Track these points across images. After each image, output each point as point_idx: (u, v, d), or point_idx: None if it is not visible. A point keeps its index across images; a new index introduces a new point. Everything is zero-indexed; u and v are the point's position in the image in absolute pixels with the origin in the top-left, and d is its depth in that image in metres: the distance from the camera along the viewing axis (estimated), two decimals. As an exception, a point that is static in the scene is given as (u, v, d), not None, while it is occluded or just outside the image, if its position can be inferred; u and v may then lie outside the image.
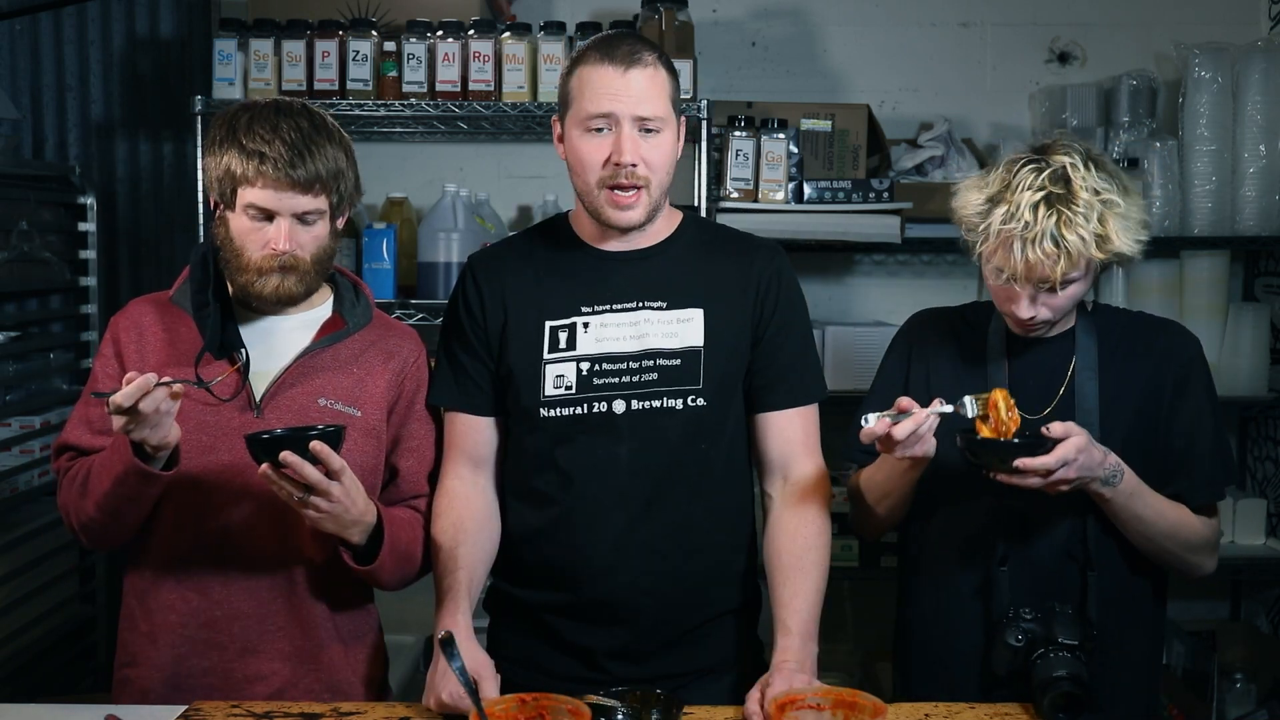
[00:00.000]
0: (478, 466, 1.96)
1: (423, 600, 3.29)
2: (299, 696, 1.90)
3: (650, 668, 1.90)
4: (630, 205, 1.85)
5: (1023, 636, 1.82)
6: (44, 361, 3.35)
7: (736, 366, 1.93)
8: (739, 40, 3.55)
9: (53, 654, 3.21)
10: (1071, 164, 1.79)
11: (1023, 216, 1.76)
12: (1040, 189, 1.77)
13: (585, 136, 1.84)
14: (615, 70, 1.81)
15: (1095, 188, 1.77)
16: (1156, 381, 1.91)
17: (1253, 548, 3.31)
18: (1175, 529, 1.87)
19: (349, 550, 1.84)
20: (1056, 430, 1.73)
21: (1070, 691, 1.74)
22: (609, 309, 1.91)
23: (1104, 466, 1.77)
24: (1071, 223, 1.74)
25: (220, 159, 1.83)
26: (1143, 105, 3.37)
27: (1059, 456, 1.71)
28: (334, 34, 3.00)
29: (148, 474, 1.76)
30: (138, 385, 1.64)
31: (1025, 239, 1.76)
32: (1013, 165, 1.82)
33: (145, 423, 1.68)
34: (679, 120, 1.90)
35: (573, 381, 1.88)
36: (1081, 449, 1.72)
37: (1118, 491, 1.80)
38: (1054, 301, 1.83)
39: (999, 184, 1.82)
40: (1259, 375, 3.26)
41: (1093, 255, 1.77)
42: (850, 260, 3.55)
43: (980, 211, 1.82)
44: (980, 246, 1.84)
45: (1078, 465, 1.73)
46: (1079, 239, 1.75)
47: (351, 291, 2.01)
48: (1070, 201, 1.76)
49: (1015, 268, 1.79)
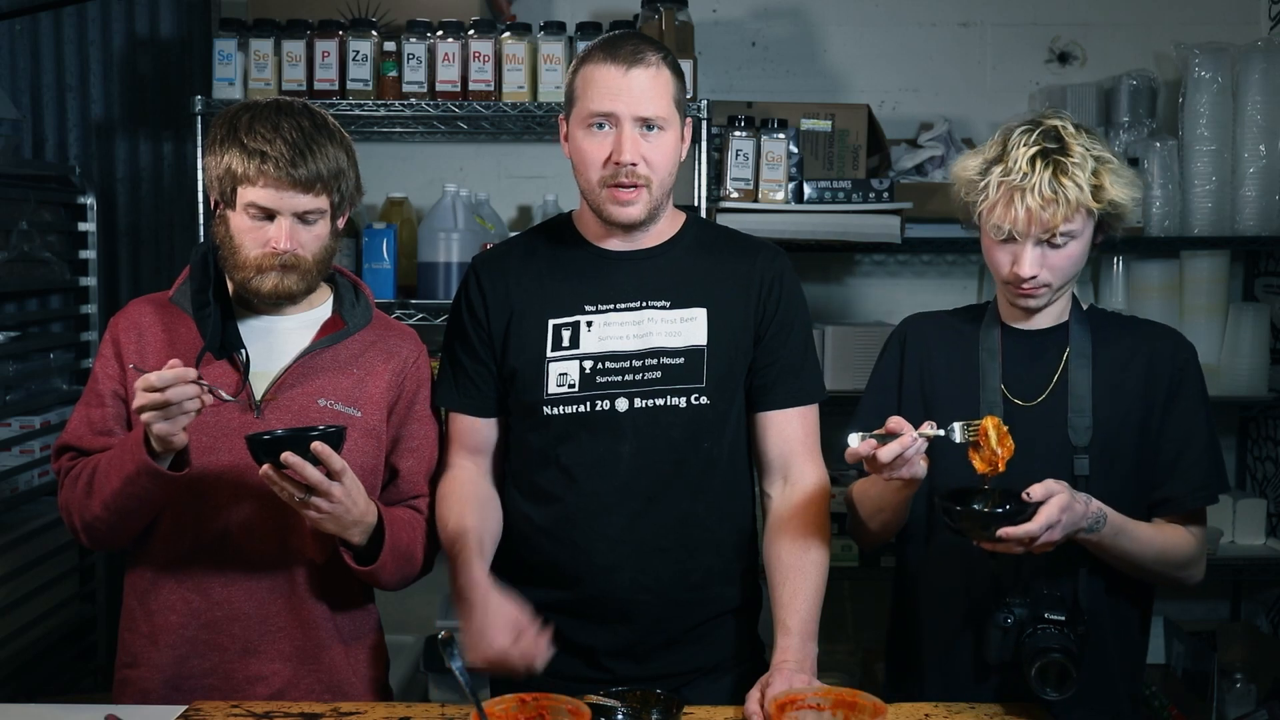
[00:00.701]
0: (478, 456, 2.00)
1: (423, 600, 3.32)
2: (299, 697, 1.90)
3: (651, 667, 1.90)
4: (631, 201, 1.86)
5: (1011, 618, 1.82)
6: (44, 361, 3.35)
7: (739, 366, 1.93)
8: (739, 40, 3.55)
9: (53, 654, 3.21)
10: (1063, 126, 1.87)
11: (1021, 169, 1.82)
12: (1036, 144, 1.84)
13: (587, 135, 1.85)
14: (618, 69, 1.82)
15: (1087, 145, 1.85)
16: (1150, 384, 1.91)
17: (1253, 548, 3.32)
18: (1163, 553, 1.87)
19: (349, 551, 1.84)
20: (1037, 493, 1.70)
21: (1058, 662, 1.73)
22: (612, 308, 1.91)
23: (1086, 517, 1.76)
24: (1068, 171, 1.81)
25: (221, 158, 1.83)
26: (1143, 105, 3.37)
27: (1043, 521, 1.68)
28: (334, 34, 3.00)
29: (158, 473, 1.75)
30: (178, 373, 1.66)
31: (1025, 188, 1.81)
32: (1009, 131, 1.89)
33: (166, 412, 1.68)
34: (684, 120, 1.90)
35: (576, 380, 1.89)
36: (1065, 507, 1.70)
37: (1103, 535, 1.80)
38: (1054, 260, 1.85)
39: (997, 147, 1.88)
40: (1259, 375, 3.26)
41: (1089, 204, 1.82)
42: (850, 260, 3.55)
43: (980, 171, 1.88)
44: (980, 205, 1.88)
45: (1062, 525, 1.71)
46: (1075, 186, 1.81)
47: (351, 292, 2.01)
48: (1066, 153, 1.83)
49: (1016, 218, 1.83)
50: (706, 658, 1.94)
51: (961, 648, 1.94)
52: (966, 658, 1.93)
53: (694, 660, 1.93)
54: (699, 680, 1.93)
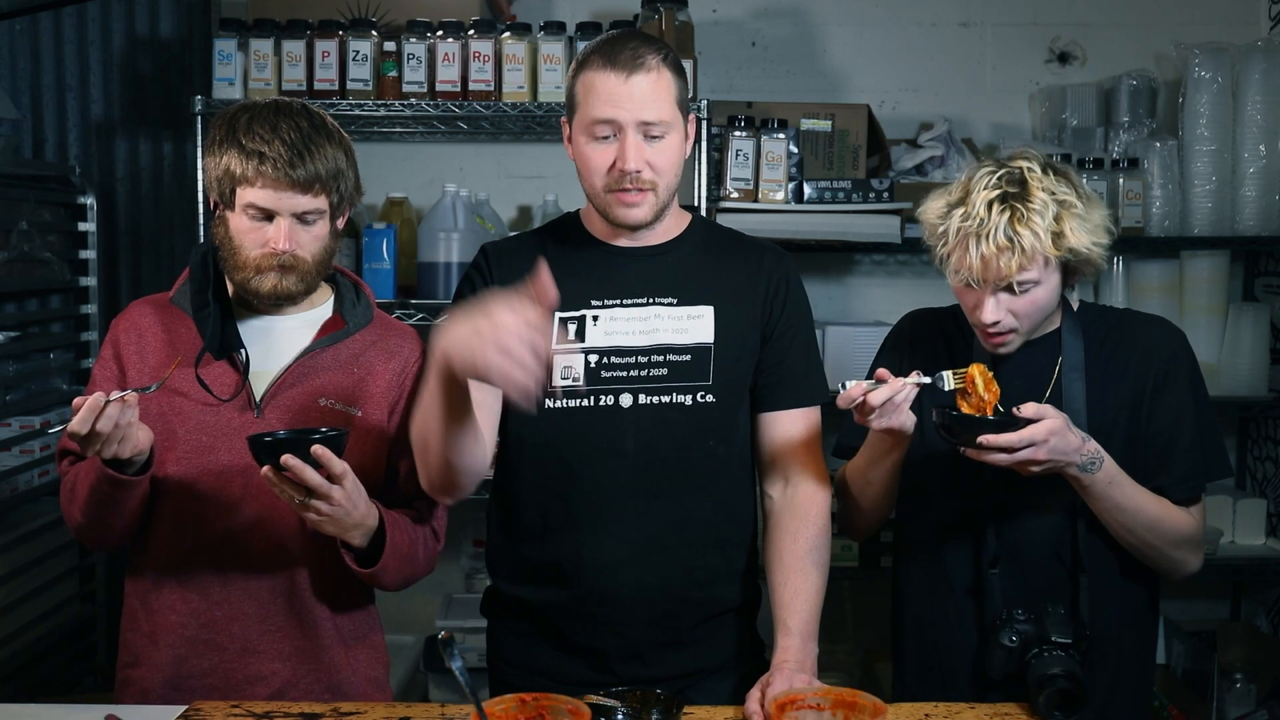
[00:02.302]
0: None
1: (423, 600, 3.33)
2: (299, 697, 1.90)
3: (652, 668, 1.90)
4: (637, 204, 1.86)
5: (1016, 637, 1.83)
6: (44, 361, 3.35)
7: (746, 365, 1.93)
8: (739, 40, 3.55)
9: (53, 654, 3.21)
10: (1029, 168, 1.82)
11: (978, 214, 1.79)
12: (996, 188, 1.81)
13: (591, 144, 1.84)
14: (618, 77, 1.81)
15: (1051, 189, 1.80)
16: (1140, 379, 1.91)
17: (1253, 548, 3.31)
18: (1157, 522, 1.86)
19: (350, 553, 1.84)
20: (1028, 411, 1.74)
21: (1066, 689, 1.75)
22: (619, 303, 1.91)
23: (1081, 452, 1.77)
24: (1025, 219, 1.77)
25: (220, 159, 1.83)
26: (1143, 105, 3.37)
27: (1024, 437, 1.72)
28: (334, 34, 3.00)
29: (118, 480, 1.77)
30: (88, 408, 1.66)
31: (979, 235, 1.79)
32: (974, 172, 1.86)
33: (110, 440, 1.69)
34: (687, 119, 1.90)
35: (580, 373, 1.89)
36: (1054, 431, 1.72)
37: (1095, 479, 1.80)
38: (1017, 305, 1.83)
39: (960, 190, 1.85)
40: (1259, 375, 3.26)
41: (1048, 252, 1.78)
42: (850, 260, 3.55)
43: (941, 215, 1.86)
44: (941, 249, 1.86)
45: (1048, 448, 1.73)
46: (1032, 234, 1.77)
47: (352, 291, 2.01)
48: (1025, 199, 1.79)
49: (972, 265, 1.80)
50: (708, 658, 1.94)
51: (962, 651, 1.94)
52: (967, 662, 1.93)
53: (696, 661, 1.93)
54: (701, 681, 1.92)
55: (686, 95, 1.90)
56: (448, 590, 3.39)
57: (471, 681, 1.65)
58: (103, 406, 1.66)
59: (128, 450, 1.72)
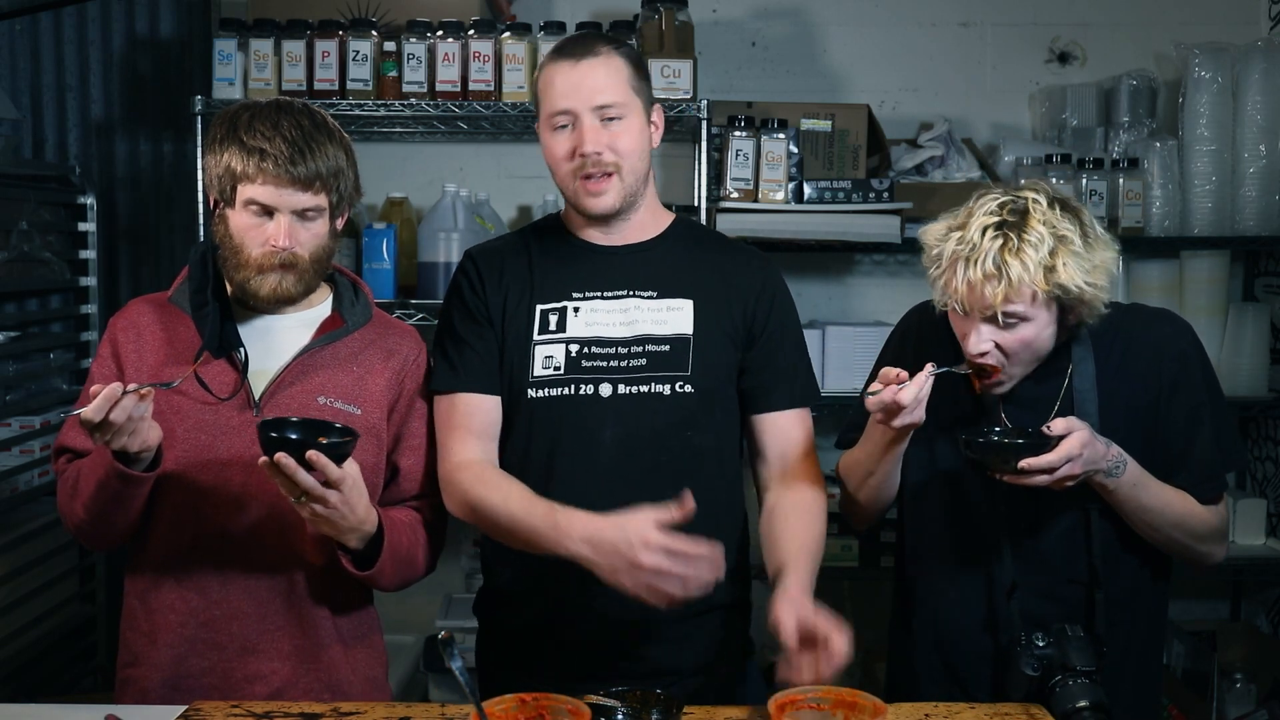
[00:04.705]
0: (485, 442, 1.93)
1: (423, 600, 3.32)
2: (299, 696, 1.90)
3: (640, 664, 1.89)
4: (603, 191, 1.88)
5: (1038, 666, 1.80)
6: (44, 361, 3.35)
7: (726, 360, 1.94)
8: (739, 40, 3.55)
9: (53, 654, 3.21)
10: (1034, 199, 1.79)
11: (971, 239, 1.78)
12: (995, 215, 1.79)
13: (552, 135, 1.89)
14: (569, 65, 1.87)
15: (1052, 223, 1.77)
16: (1152, 380, 1.90)
17: (1253, 548, 3.31)
18: (1182, 518, 1.86)
19: (347, 555, 1.84)
20: (1058, 427, 1.74)
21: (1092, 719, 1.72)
22: (600, 295, 1.93)
23: (1107, 459, 1.78)
24: (1017, 249, 1.74)
25: (221, 157, 1.83)
26: (1143, 105, 3.37)
27: (1063, 453, 1.72)
28: (334, 34, 3.00)
29: (128, 476, 1.76)
30: (104, 397, 1.65)
31: (969, 259, 1.77)
32: (980, 198, 1.84)
33: (121, 431, 1.69)
34: (649, 105, 1.92)
35: (561, 362, 1.90)
36: (1085, 443, 1.73)
37: (1121, 483, 1.80)
38: (1005, 341, 1.81)
39: (964, 215, 1.84)
40: (1259, 375, 3.26)
41: (1037, 285, 1.75)
42: (850, 260, 3.55)
43: (940, 238, 1.84)
44: (934, 271, 1.85)
45: (1083, 460, 1.73)
46: (1021, 265, 1.74)
47: (351, 291, 2.01)
48: (1021, 230, 1.76)
49: (958, 289, 1.79)
50: (696, 656, 1.93)
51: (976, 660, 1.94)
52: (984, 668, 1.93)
53: (684, 658, 1.92)
54: (692, 678, 1.91)
55: (644, 84, 1.92)
56: (448, 590, 3.39)
57: (471, 682, 1.65)
58: (119, 397, 1.66)
59: (136, 444, 1.72)
